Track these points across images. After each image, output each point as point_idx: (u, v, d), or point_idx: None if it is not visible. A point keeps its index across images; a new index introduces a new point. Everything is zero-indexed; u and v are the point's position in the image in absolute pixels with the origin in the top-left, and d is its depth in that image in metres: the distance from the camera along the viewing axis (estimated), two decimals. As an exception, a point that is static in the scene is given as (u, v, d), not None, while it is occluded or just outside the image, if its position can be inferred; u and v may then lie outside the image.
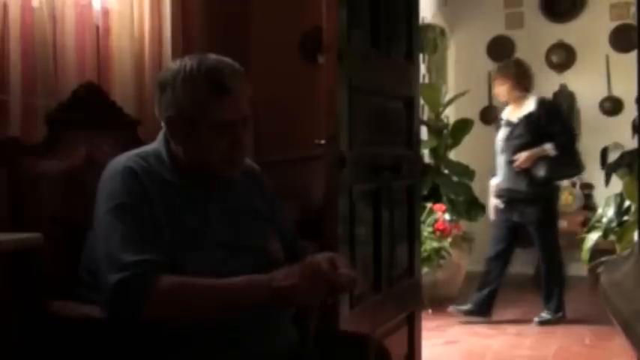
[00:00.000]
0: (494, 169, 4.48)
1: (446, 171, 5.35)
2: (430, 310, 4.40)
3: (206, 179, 1.57)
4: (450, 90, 6.05)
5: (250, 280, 1.42)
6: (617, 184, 5.08)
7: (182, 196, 1.53)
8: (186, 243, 1.48)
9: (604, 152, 5.51)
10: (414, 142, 3.08)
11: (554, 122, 4.28)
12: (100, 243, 1.45)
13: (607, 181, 5.18)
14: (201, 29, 2.60)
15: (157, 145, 1.60)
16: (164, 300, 1.36)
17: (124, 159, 1.54)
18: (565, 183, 5.89)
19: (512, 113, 4.41)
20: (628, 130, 5.42)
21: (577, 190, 5.94)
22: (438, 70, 5.86)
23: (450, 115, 5.86)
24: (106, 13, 2.26)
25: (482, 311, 4.35)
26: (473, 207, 5.30)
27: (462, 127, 5.62)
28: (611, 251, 4.48)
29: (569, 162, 4.33)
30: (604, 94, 6.00)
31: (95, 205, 1.51)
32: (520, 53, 6.25)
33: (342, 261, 1.49)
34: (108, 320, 1.40)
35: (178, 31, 2.48)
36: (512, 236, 4.40)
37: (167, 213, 1.48)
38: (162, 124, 1.58)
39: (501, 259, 4.38)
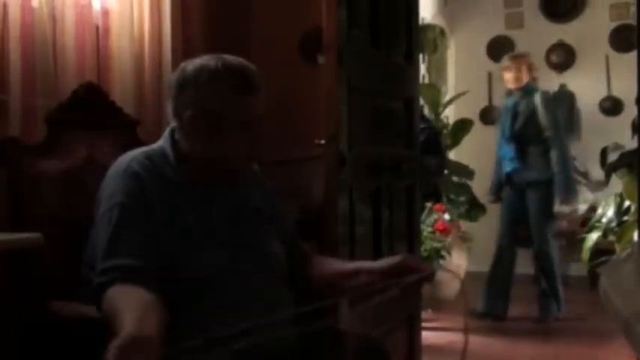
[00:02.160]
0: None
1: (446, 171, 5.36)
2: (430, 310, 4.40)
3: (212, 177, 1.58)
4: (449, 90, 6.05)
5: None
6: (617, 184, 5.08)
7: (186, 195, 1.53)
8: (188, 243, 1.47)
9: (604, 152, 5.51)
10: (414, 142, 3.08)
11: None
12: (97, 240, 1.46)
13: (607, 181, 5.18)
14: (201, 29, 2.61)
15: (162, 142, 1.60)
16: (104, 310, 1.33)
17: (128, 158, 1.54)
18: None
19: None
20: (628, 130, 5.42)
21: (577, 190, 5.94)
22: (438, 70, 5.86)
23: (450, 115, 5.87)
24: (105, 13, 2.26)
25: None
26: (473, 207, 5.31)
27: (462, 127, 5.62)
28: (611, 251, 4.47)
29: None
30: (604, 94, 6.00)
31: (97, 202, 1.52)
32: (520, 53, 6.26)
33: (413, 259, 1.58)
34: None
35: (178, 31, 2.48)
36: None
37: (170, 213, 1.48)
38: (176, 122, 1.56)
39: None
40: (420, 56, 4.19)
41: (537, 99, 4.38)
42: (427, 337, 3.67)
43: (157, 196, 1.48)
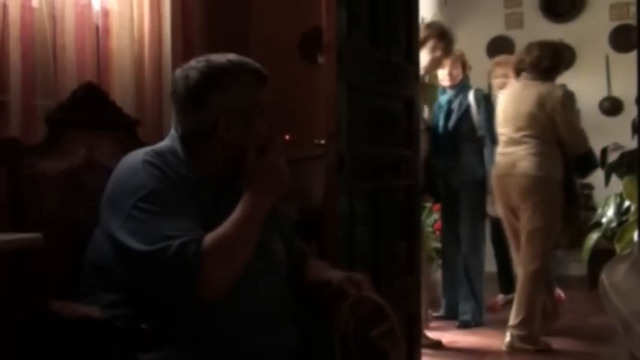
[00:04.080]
0: None
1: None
2: (430, 310, 4.40)
3: (225, 173, 1.58)
4: (449, 90, 6.04)
5: (245, 206, 1.51)
6: (616, 184, 5.08)
7: (198, 191, 1.55)
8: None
9: (604, 152, 5.50)
10: (414, 142, 3.08)
11: None
12: (138, 235, 1.43)
13: (607, 181, 5.18)
14: (201, 29, 2.60)
15: (169, 142, 1.61)
16: (214, 258, 1.41)
17: (140, 155, 1.55)
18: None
19: None
20: (628, 130, 5.42)
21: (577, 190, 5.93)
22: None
23: (450, 115, 5.85)
24: (105, 13, 2.26)
25: None
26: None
27: (462, 127, 5.60)
28: (611, 251, 4.47)
29: None
30: (604, 94, 6.00)
31: (105, 201, 1.53)
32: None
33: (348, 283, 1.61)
34: (110, 320, 1.40)
35: (178, 31, 2.48)
36: None
37: (193, 205, 1.51)
38: (202, 131, 1.58)
39: None
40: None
41: (471, 97, 4.33)
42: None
43: (178, 187, 1.51)
